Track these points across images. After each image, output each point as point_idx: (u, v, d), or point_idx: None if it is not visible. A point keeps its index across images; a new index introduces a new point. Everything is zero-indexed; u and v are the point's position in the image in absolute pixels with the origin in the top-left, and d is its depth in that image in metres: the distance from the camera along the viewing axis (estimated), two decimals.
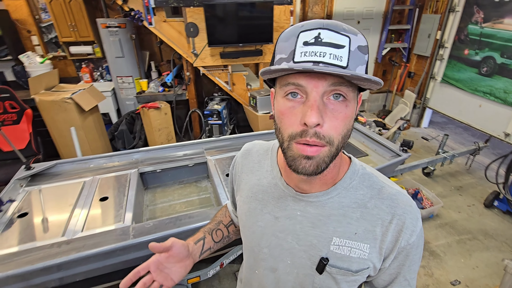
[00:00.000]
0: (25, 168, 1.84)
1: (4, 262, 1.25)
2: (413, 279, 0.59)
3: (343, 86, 0.44)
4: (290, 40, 0.45)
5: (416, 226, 0.54)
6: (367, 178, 0.58)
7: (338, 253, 0.55)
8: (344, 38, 0.43)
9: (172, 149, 2.21)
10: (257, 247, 0.64)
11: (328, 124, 0.44)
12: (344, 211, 0.55)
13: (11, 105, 2.65)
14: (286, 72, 0.44)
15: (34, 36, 3.46)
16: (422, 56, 4.18)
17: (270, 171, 0.64)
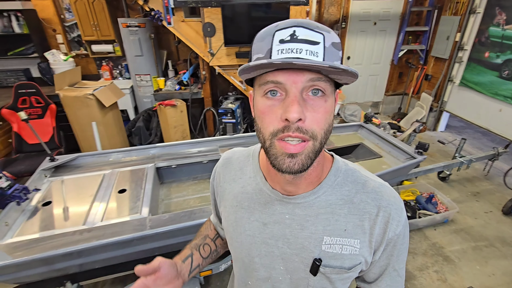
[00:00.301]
0: (49, 159, 1.93)
1: (29, 247, 1.33)
2: (402, 269, 0.60)
3: (321, 81, 0.44)
4: (266, 40, 0.45)
5: (401, 216, 0.55)
6: (351, 174, 0.58)
7: (330, 252, 0.55)
8: (319, 35, 0.44)
9: (188, 145, 2.26)
10: (247, 258, 0.62)
11: (310, 119, 0.44)
12: (331, 209, 0.55)
13: (36, 100, 2.79)
14: (264, 70, 0.44)
15: (59, 34, 3.62)
16: (440, 58, 4.10)
17: (254, 177, 0.62)
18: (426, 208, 2.50)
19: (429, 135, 4.17)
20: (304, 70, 0.43)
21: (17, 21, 3.29)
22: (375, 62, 4.56)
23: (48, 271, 1.38)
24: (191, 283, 1.72)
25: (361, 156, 2.21)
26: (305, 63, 0.39)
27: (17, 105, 2.74)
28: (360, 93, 4.78)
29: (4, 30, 3.31)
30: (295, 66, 0.42)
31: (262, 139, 0.48)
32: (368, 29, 4.26)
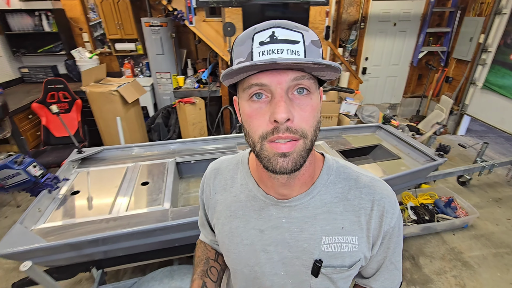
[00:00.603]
0: (77, 151, 2.03)
1: (60, 232, 1.41)
2: (399, 261, 0.61)
3: (305, 79, 0.44)
4: (246, 43, 0.45)
5: (395, 208, 0.56)
6: (342, 171, 0.58)
7: (330, 251, 0.55)
8: (298, 34, 0.44)
9: (206, 142, 2.31)
10: (247, 268, 0.60)
11: (298, 118, 0.44)
12: (327, 208, 0.55)
13: (64, 95, 2.92)
14: (247, 73, 0.43)
15: (85, 33, 3.77)
16: (462, 60, 4.00)
17: (245, 184, 0.61)
18: (444, 212, 2.45)
19: (448, 139, 4.07)
20: (287, 69, 0.43)
21: (47, 20, 3.45)
22: (394, 63, 4.49)
23: (76, 256, 1.45)
24: None
25: (379, 157, 2.20)
26: (289, 61, 0.38)
27: (46, 100, 2.88)
28: (377, 95, 4.72)
29: (35, 28, 3.49)
30: (279, 66, 0.41)
31: (252, 143, 0.48)
32: (388, 30, 4.21)
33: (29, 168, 1.58)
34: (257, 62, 0.39)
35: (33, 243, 1.29)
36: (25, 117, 2.97)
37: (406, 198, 2.62)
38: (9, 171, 1.53)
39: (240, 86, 0.48)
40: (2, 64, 3.51)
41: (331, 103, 2.99)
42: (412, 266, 2.08)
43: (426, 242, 2.29)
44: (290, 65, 0.40)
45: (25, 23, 3.45)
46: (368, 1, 3.94)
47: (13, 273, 2.01)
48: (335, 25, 3.96)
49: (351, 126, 2.54)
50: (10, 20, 3.39)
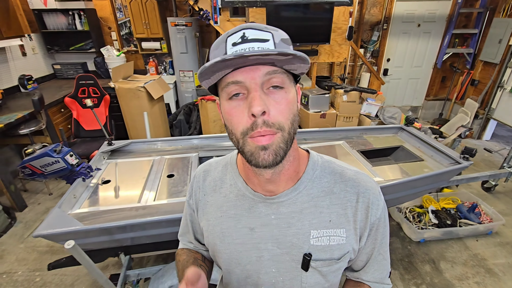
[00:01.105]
0: (107, 143, 2.15)
1: (93, 218, 1.50)
2: (386, 252, 0.62)
3: (277, 74, 0.46)
4: (220, 47, 0.48)
5: (379, 200, 0.57)
6: (327, 166, 0.60)
7: (319, 245, 0.56)
8: (267, 33, 0.47)
9: (227, 138, 2.37)
10: (238, 267, 0.61)
11: (274, 111, 0.46)
12: (314, 202, 0.56)
13: (94, 91, 3.08)
14: (222, 72, 0.45)
15: (113, 32, 3.94)
16: (489, 63, 3.86)
17: (234, 184, 0.62)
18: (468, 217, 2.40)
19: (473, 143, 3.95)
20: (259, 65, 0.45)
21: (79, 19, 3.64)
22: (417, 65, 4.40)
23: (108, 240, 1.54)
24: None
25: (400, 159, 2.18)
26: (256, 53, 0.40)
27: (78, 95, 3.04)
28: (398, 97, 4.64)
29: (68, 27, 3.69)
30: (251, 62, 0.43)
31: (236, 140, 0.49)
32: (411, 31, 4.13)
33: (66, 156, 1.69)
34: (226, 57, 0.40)
35: (71, 225, 1.39)
36: (57, 110, 3.15)
37: (427, 201, 2.57)
38: (49, 159, 1.65)
39: (219, 86, 0.49)
40: (38, 60, 3.73)
41: (352, 103, 2.98)
42: (432, 270, 2.05)
43: (447, 247, 2.25)
44: (258, 58, 0.41)
45: (59, 22, 3.65)
46: (392, 1, 3.89)
47: (46, 255, 2.15)
48: (357, 26, 3.94)
49: (372, 127, 2.53)
50: (47, 19, 3.61)
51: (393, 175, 1.87)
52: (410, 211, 2.49)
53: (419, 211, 2.47)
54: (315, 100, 3.03)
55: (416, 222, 2.38)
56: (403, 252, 2.20)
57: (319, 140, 2.35)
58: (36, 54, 3.67)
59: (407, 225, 2.33)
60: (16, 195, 2.58)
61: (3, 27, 2.86)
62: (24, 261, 2.10)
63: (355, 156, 2.05)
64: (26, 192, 2.88)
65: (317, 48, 3.17)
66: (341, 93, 2.93)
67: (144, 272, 1.76)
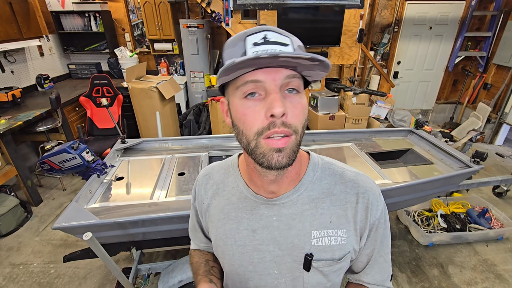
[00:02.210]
0: (121, 141, 2.21)
1: (108, 212, 1.56)
2: (387, 254, 0.62)
3: (295, 79, 0.47)
4: (238, 45, 0.47)
5: (379, 201, 0.58)
6: (327, 167, 0.60)
7: (320, 245, 0.56)
8: (287, 38, 0.47)
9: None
10: (241, 268, 0.62)
11: (291, 114, 0.46)
12: (315, 204, 0.57)
13: (107, 90, 3.16)
14: (244, 70, 0.44)
15: (127, 33, 4.04)
16: (503, 66, 3.80)
17: (236, 187, 0.63)
18: (478, 222, 2.37)
19: (485, 148, 3.89)
20: (281, 67, 0.45)
21: (95, 21, 3.75)
22: (428, 68, 4.36)
23: (121, 234, 1.59)
24: None
25: (410, 161, 2.18)
26: (290, 54, 0.39)
27: (92, 94, 3.13)
28: (408, 100, 4.61)
29: (84, 28, 3.80)
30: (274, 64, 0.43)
31: (246, 141, 0.48)
32: (423, 33, 4.10)
33: (83, 153, 1.75)
34: (260, 55, 0.39)
35: (87, 219, 1.44)
36: (72, 109, 3.25)
37: (436, 205, 2.56)
38: (67, 155, 1.71)
39: (232, 85, 0.49)
40: (54, 60, 3.86)
41: (362, 105, 2.98)
42: (441, 274, 2.04)
43: (456, 251, 2.23)
44: (286, 60, 0.42)
45: (76, 23, 3.77)
46: (404, 4, 3.88)
47: (60, 248, 2.23)
48: (367, 28, 3.93)
49: (382, 130, 2.52)
50: (64, 20, 3.73)
51: (402, 178, 1.87)
52: (418, 214, 2.48)
53: (428, 215, 2.45)
54: (324, 102, 3.04)
55: (425, 226, 2.37)
56: (411, 255, 2.19)
57: (327, 142, 2.37)
58: (52, 54, 3.80)
59: (415, 228, 2.32)
60: (33, 190, 2.68)
61: (23, 28, 2.98)
62: (39, 254, 2.18)
63: (363, 158, 2.06)
64: (41, 188, 2.98)
65: (327, 50, 3.19)
66: (351, 95, 2.94)
67: (155, 267, 1.81)
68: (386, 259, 0.63)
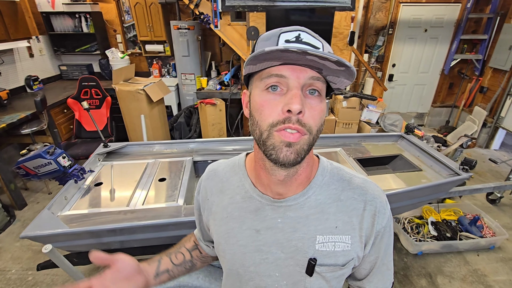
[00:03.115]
0: (103, 145, 2.16)
1: (82, 220, 1.51)
2: (390, 262, 0.62)
3: (319, 81, 0.47)
4: (271, 39, 0.48)
5: (386, 209, 0.57)
6: (336, 172, 0.60)
7: (324, 250, 0.55)
8: (319, 42, 0.48)
9: (224, 143, 2.36)
10: (242, 268, 0.61)
11: (308, 114, 0.47)
12: (321, 208, 0.56)
13: (96, 92, 3.12)
14: (271, 62, 0.46)
15: (119, 34, 4.01)
16: (499, 70, 3.74)
17: (242, 186, 0.62)
18: (469, 230, 2.31)
19: (480, 153, 3.83)
20: (307, 67, 0.46)
21: (85, 22, 3.71)
22: (423, 71, 4.31)
23: (96, 243, 1.55)
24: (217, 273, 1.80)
25: (398, 168, 2.13)
26: (319, 53, 0.40)
27: (80, 96, 3.09)
28: (403, 103, 4.55)
29: (74, 29, 3.77)
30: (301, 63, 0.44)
31: (259, 132, 0.48)
32: (418, 36, 4.05)
33: (59, 158, 1.70)
34: (290, 48, 0.40)
35: (57, 228, 1.39)
36: (60, 111, 3.21)
37: (427, 212, 2.50)
38: (42, 160, 1.67)
39: (257, 77, 0.50)
40: (45, 61, 3.82)
41: (352, 109, 2.92)
42: (429, 285, 1.98)
43: (446, 261, 2.17)
44: (313, 59, 0.42)
45: (66, 24, 3.73)
46: (398, 6, 3.83)
47: (40, 255, 2.18)
48: (361, 31, 3.88)
49: (372, 134, 2.47)
50: (54, 21, 3.70)
51: (388, 185, 1.82)
52: (409, 221, 2.42)
53: (418, 222, 2.40)
54: None
55: (414, 234, 2.31)
56: (399, 265, 2.14)
57: (315, 147, 2.30)
58: (43, 56, 3.76)
59: (405, 237, 2.26)
60: (16, 193, 2.64)
61: (11, 29, 2.94)
62: (19, 260, 2.14)
63: (350, 164, 2.01)
64: (27, 191, 2.94)
65: None
66: (341, 99, 2.88)
67: None
68: (388, 266, 0.62)
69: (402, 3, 3.82)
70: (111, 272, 0.57)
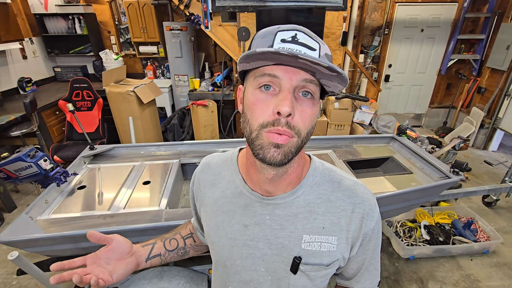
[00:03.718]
0: (89, 148, 2.14)
1: (61, 224, 1.48)
2: (378, 262, 0.64)
3: (312, 84, 0.47)
4: (268, 37, 0.47)
5: (374, 212, 0.58)
6: (327, 173, 0.60)
7: (309, 249, 0.56)
8: (316, 43, 0.47)
9: (214, 145, 2.32)
10: (229, 261, 0.62)
11: (297, 117, 0.46)
12: (310, 208, 0.57)
13: (87, 94, 3.11)
14: (264, 62, 0.46)
15: (112, 36, 4.00)
16: (497, 70, 3.68)
17: (233, 181, 0.63)
18: (462, 234, 2.26)
19: (477, 154, 3.76)
20: (300, 69, 0.45)
21: (79, 24, 3.71)
22: (420, 71, 4.25)
23: (75, 248, 1.52)
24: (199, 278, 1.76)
25: (389, 170, 2.08)
26: (309, 58, 0.40)
27: (72, 98, 3.08)
28: (400, 104, 4.50)
29: (68, 31, 3.76)
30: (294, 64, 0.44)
31: (249, 130, 0.49)
32: (414, 36, 4.00)
33: (40, 161, 1.68)
34: (280, 51, 0.40)
35: (33, 233, 1.37)
36: (52, 113, 3.20)
37: (420, 216, 2.45)
38: (22, 163, 1.64)
39: (252, 74, 0.49)
40: (38, 63, 3.82)
41: (344, 111, 2.88)
42: None
43: (438, 266, 2.12)
44: (305, 64, 0.42)
45: (60, 26, 3.73)
46: (394, 6, 3.78)
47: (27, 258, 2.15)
48: (357, 31, 3.84)
49: (363, 136, 2.43)
50: (47, 23, 3.69)
51: (378, 188, 1.78)
52: (401, 225, 2.38)
53: (411, 226, 2.35)
54: None
55: (407, 238, 2.26)
56: (390, 269, 2.09)
57: (306, 148, 2.27)
58: (37, 57, 3.76)
59: (396, 241, 2.21)
60: (5, 196, 2.62)
61: (2, 31, 2.93)
62: (4, 263, 2.12)
63: (340, 167, 1.97)
64: (18, 193, 2.92)
65: None
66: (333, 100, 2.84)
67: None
68: (376, 267, 0.64)
69: (398, 2, 3.77)
70: (105, 251, 0.61)
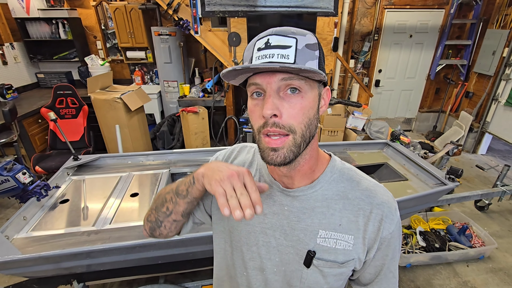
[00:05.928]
0: (73, 158, 2.03)
1: (41, 243, 1.38)
2: (396, 270, 0.62)
3: (294, 80, 0.47)
4: (250, 49, 0.52)
5: (394, 215, 0.56)
6: (346, 172, 0.61)
7: (325, 245, 0.56)
8: (291, 39, 0.48)
9: (205, 153, 2.26)
10: (245, 246, 0.64)
11: (286, 115, 0.48)
12: (327, 203, 0.57)
13: (72, 101, 2.99)
14: (244, 74, 0.50)
15: (99, 41, 3.88)
16: (483, 75, 3.76)
17: (259, 170, 0.66)
18: (458, 240, 2.24)
19: (467, 158, 3.81)
20: (275, 71, 0.47)
21: (63, 28, 3.58)
22: (409, 76, 4.30)
23: (55, 268, 1.41)
24: None
25: (384, 177, 2.05)
26: (269, 66, 0.44)
27: (55, 105, 2.95)
28: (391, 109, 4.53)
29: (52, 36, 3.63)
30: (267, 69, 0.46)
31: (254, 134, 0.53)
32: (403, 41, 4.05)
33: (18, 175, 1.57)
34: (236, 67, 0.46)
35: (9, 254, 1.26)
36: (35, 121, 3.05)
37: (416, 222, 2.43)
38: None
39: (247, 84, 0.53)
40: (20, 69, 3.66)
41: (337, 117, 2.86)
42: None
43: (435, 273, 2.10)
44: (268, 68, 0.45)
45: (42, 30, 3.59)
46: (383, 11, 3.82)
47: (4, 278, 2.02)
48: (347, 36, 3.85)
49: (357, 142, 2.40)
50: (29, 27, 3.55)
51: None
52: None
53: (407, 232, 2.32)
54: None
55: (403, 245, 2.23)
56: None
57: None
58: (18, 63, 3.60)
59: None
60: None
61: None
62: None
63: None
64: None
65: None
66: None
67: None
68: (394, 274, 0.62)
69: (387, 8, 3.81)
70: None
